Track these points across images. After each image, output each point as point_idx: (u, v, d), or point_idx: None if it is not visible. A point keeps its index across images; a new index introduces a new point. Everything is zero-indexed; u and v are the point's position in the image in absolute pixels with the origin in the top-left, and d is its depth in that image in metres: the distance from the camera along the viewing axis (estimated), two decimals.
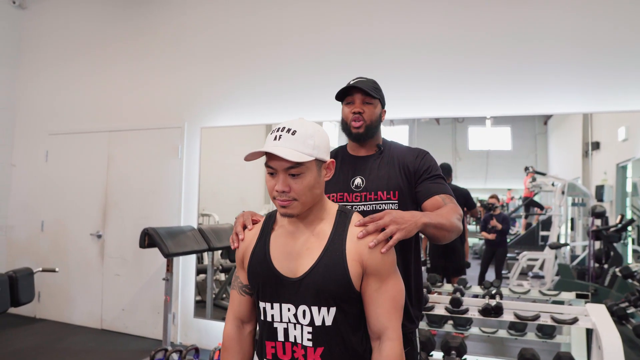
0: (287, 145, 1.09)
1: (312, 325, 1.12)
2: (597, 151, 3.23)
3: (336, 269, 1.12)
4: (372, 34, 3.57)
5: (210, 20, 4.16)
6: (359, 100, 1.57)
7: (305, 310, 1.12)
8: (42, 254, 4.72)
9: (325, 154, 1.17)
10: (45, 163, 4.81)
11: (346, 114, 1.59)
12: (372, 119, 1.57)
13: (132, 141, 4.39)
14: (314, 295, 1.12)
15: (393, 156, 1.58)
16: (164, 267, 4.03)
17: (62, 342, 4.06)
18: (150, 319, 4.16)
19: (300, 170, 1.11)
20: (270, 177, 1.15)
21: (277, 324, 1.15)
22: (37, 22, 5.06)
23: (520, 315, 2.16)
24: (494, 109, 3.28)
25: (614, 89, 2.99)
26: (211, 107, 4.09)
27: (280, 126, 1.13)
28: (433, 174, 1.53)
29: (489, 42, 3.27)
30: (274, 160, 1.11)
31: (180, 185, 4.12)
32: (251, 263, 1.22)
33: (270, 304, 1.16)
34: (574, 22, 3.08)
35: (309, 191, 1.13)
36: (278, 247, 1.20)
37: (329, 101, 3.57)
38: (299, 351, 1.13)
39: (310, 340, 1.11)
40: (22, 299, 2.83)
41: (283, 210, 1.14)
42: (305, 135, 1.12)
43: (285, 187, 1.11)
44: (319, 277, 1.12)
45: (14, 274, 2.80)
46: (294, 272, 1.15)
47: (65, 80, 4.83)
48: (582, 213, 3.40)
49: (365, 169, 1.56)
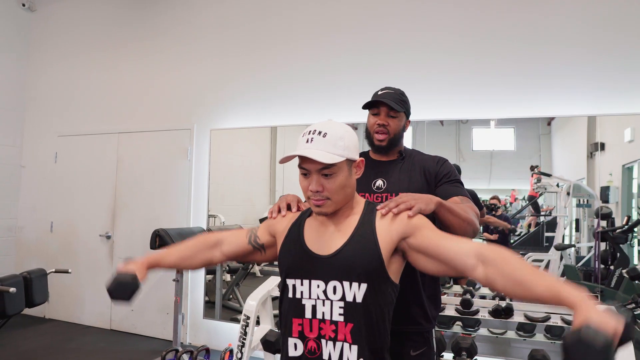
0: (319, 147, 1.14)
1: (344, 300, 1.15)
2: (601, 152, 3.23)
3: (367, 244, 1.18)
4: (379, 38, 3.59)
5: (220, 22, 4.19)
6: (384, 113, 1.60)
7: (336, 285, 1.16)
8: (52, 255, 4.76)
9: (355, 153, 1.22)
10: (54, 164, 4.85)
11: (371, 124, 1.63)
12: (396, 132, 1.62)
13: (142, 143, 4.42)
14: (346, 271, 1.16)
15: (414, 162, 1.63)
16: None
17: (72, 343, 4.10)
18: (159, 319, 4.19)
19: (332, 170, 1.16)
20: (303, 178, 1.20)
21: (305, 300, 1.19)
22: (46, 24, 5.10)
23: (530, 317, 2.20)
24: (499, 111, 3.30)
25: (620, 91, 3.00)
26: (220, 109, 4.12)
27: (312, 129, 1.18)
28: (452, 178, 1.57)
29: (494, 45, 3.29)
30: (307, 162, 1.16)
31: (190, 186, 4.16)
32: (284, 243, 1.29)
33: (301, 280, 1.21)
34: (580, 25, 3.10)
35: (341, 190, 1.19)
36: (311, 232, 1.27)
37: (338, 104, 3.64)
38: (328, 327, 1.16)
39: (342, 315, 1.15)
40: (36, 300, 2.87)
41: (317, 209, 1.20)
42: (336, 136, 1.16)
43: (319, 187, 1.17)
44: (351, 253, 1.17)
45: (28, 274, 2.84)
46: (326, 250, 1.21)
47: (74, 82, 4.87)
48: (587, 214, 3.41)
49: (386, 172, 1.61)
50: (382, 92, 1.62)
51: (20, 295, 2.72)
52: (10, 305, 2.65)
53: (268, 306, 3.03)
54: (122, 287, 1.28)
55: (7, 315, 2.65)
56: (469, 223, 1.39)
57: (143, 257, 1.36)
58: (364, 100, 1.65)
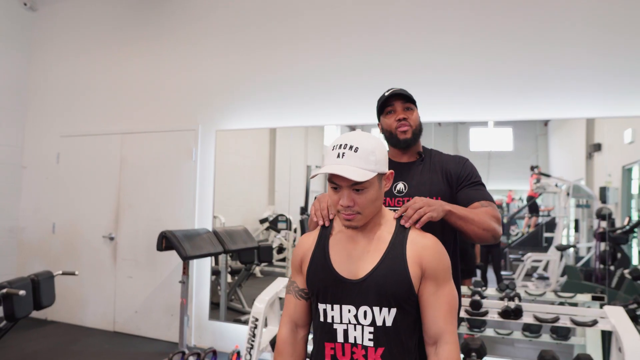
0: (350, 162, 1.12)
1: (374, 326, 1.15)
2: (598, 153, 3.26)
3: (398, 271, 1.17)
4: (382, 41, 3.61)
5: (226, 23, 4.19)
6: (400, 107, 1.60)
7: (366, 310, 1.16)
8: (54, 256, 4.74)
9: (385, 166, 1.21)
10: (56, 165, 4.83)
11: (389, 124, 1.61)
12: (416, 123, 1.62)
13: (146, 143, 4.41)
14: (376, 296, 1.16)
15: (435, 163, 1.61)
16: (177, 269, 4.08)
17: (75, 345, 4.08)
18: (164, 321, 4.19)
19: (364, 185, 1.15)
20: (333, 192, 1.19)
21: (337, 325, 1.19)
22: (48, 24, 5.07)
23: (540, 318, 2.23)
24: (497, 114, 3.33)
25: (619, 93, 3.03)
26: (226, 110, 4.11)
27: (342, 142, 1.16)
28: (473, 180, 1.56)
29: (492, 48, 3.31)
30: (338, 178, 1.14)
31: (194, 188, 4.15)
32: (311, 267, 1.27)
33: (331, 305, 1.20)
34: (578, 27, 3.12)
35: (372, 204, 1.19)
36: (338, 251, 1.25)
37: (341, 105, 3.66)
38: (359, 352, 1.17)
39: (372, 340, 1.15)
40: (44, 302, 2.86)
41: (348, 223, 1.20)
42: (367, 151, 1.14)
43: (350, 202, 1.16)
44: (381, 278, 1.17)
45: (36, 277, 2.83)
46: (355, 274, 1.20)
47: (76, 82, 4.84)
48: (586, 214, 3.45)
49: (407, 175, 1.58)
50: (390, 91, 1.61)
51: (28, 298, 2.71)
52: (19, 308, 2.64)
53: (276, 308, 3.05)
54: None
55: (15, 318, 2.63)
56: (485, 229, 1.39)
57: None
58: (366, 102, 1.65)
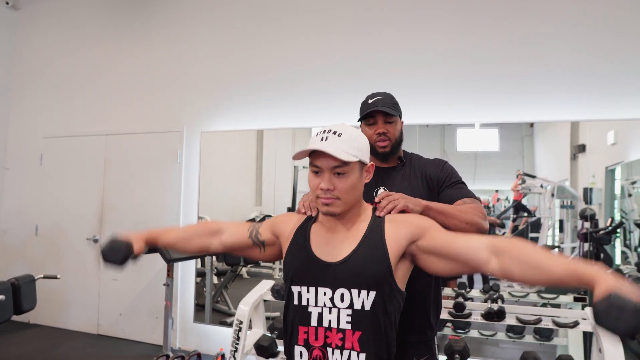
0: (334, 145, 1.14)
1: (352, 308, 1.15)
2: (583, 154, 3.29)
3: (376, 252, 1.18)
4: (368, 43, 3.62)
5: (211, 24, 4.16)
6: (380, 121, 1.59)
7: (344, 293, 1.16)
8: (37, 259, 4.67)
9: (366, 157, 1.23)
10: (39, 166, 4.76)
11: (370, 135, 1.59)
12: (396, 136, 1.62)
13: (130, 145, 4.37)
14: (355, 278, 1.16)
15: (415, 168, 1.63)
16: (161, 271, 4.04)
17: (58, 348, 4.03)
18: (149, 323, 4.15)
19: (345, 170, 1.16)
20: (314, 176, 1.20)
21: (311, 307, 1.19)
22: (31, 24, 5.00)
23: (522, 319, 2.23)
24: (483, 116, 3.35)
25: (602, 96, 3.07)
26: (211, 112, 4.09)
27: (326, 128, 1.19)
28: (453, 180, 1.58)
29: (479, 51, 3.33)
30: (320, 159, 1.16)
31: (179, 189, 4.12)
32: (290, 249, 1.28)
33: (307, 287, 1.20)
34: (564, 31, 3.16)
35: (351, 190, 1.19)
36: (318, 237, 1.26)
37: (327, 107, 3.66)
38: (333, 335, 1.16)
39: (350, 323, 1.15)
40: (24, 307, 2.81)
41: (326, 208, 1.19)
42: (351, 138, 1.17)
43: (330, 185, 1.16)
44: (360, 261, 1.17)
45: (16, 281, 2.78)
46: (333, 257, 1.20)
47: (60, 83, 4.78)
48: (570, 215, 3.48)
49: (388, 180, 1.60)
50: (374, 100, 1.59)
51: (8, 302, 2.66)
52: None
53: (260, 310, 3.03)
54: (116, 250, 1.33)
55: None
56: (468, 223, 1.38)
57: (143, 230, 1.39)
58: (353, 104, 1.65)
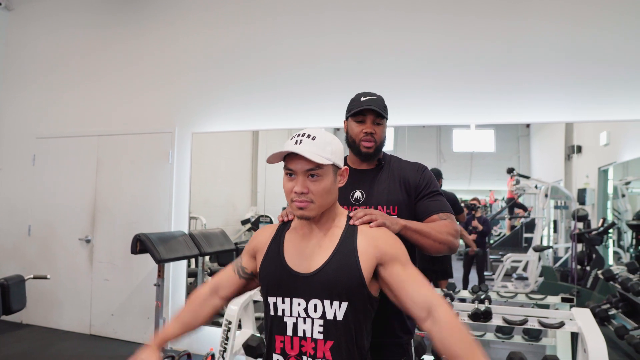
0: (308, 148, 1.15)
1: (324, 319, 1.16)
2: (578, 155, 3.29)
3: (348, 265, 1.18)
4: (362, 44, 3.61)
5: (202, 25, 4.16)
6: (370, 120, 1.57)
7: (317, 304, 1.17)
8: (29, 259, 4.67)
9: (340, 161, 1.24)
10: (32, 167, 4.75)
11: (356, 133, 1.58)
12: (382, 139, 1.60)
13: (122, 146, 4.37)
14: (327, 289, 1.17)
15: (393, 170, 1.60)
16: (153, 271, 4.03)
17: (50, 348, 4.02)
18: (140, 324, 4.14)
19: (319, 172, 1.17)
20: (288, 179, 1.21)
21: (287, 318, 1.20)
22: (24, 24, 4.98)
23: (508, 320, 2.24)
24: (478, 117, 3.35)
25: (595, 97, 3.08)
26: (202, 113, 4.09)
27: (301, 132, 1.20)
28: (431, 190, 1.56)
29: (474, 52, 3.34)
30: (294, 162, 1.17)
31: (171, 190, 4.12)
32: (265, 260, 1.28)
33: (282, 298, 1.21)
34: (557, 33, 3.17)
35: (325, 194, 1.20)
36: (292, 246, 1.27)
37: (320, 108, 3.66)
38: (308, 345, 1.17)
39: (321, 333, 1.16)
40: (14, 307, 2.81)
41: (300, 212, 1.20)
42: (324, 141, 1.19)
43: (304, 189, 1.17)
44: (332, 272, 1.18)
45: (5, 281, 2.77)
46: (306, 268, 1.21)
47: (53, 83, 4.77)
48: (564, 215, 3.48)
49: (365, 183, 1.58)
50: (367, 99, 1.57)
51: None
52: None
53: (250, 311, 3.03)
54: None
55: None
56: (441, 242, 1.42)
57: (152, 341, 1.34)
58: (346, 105, 1.64)
